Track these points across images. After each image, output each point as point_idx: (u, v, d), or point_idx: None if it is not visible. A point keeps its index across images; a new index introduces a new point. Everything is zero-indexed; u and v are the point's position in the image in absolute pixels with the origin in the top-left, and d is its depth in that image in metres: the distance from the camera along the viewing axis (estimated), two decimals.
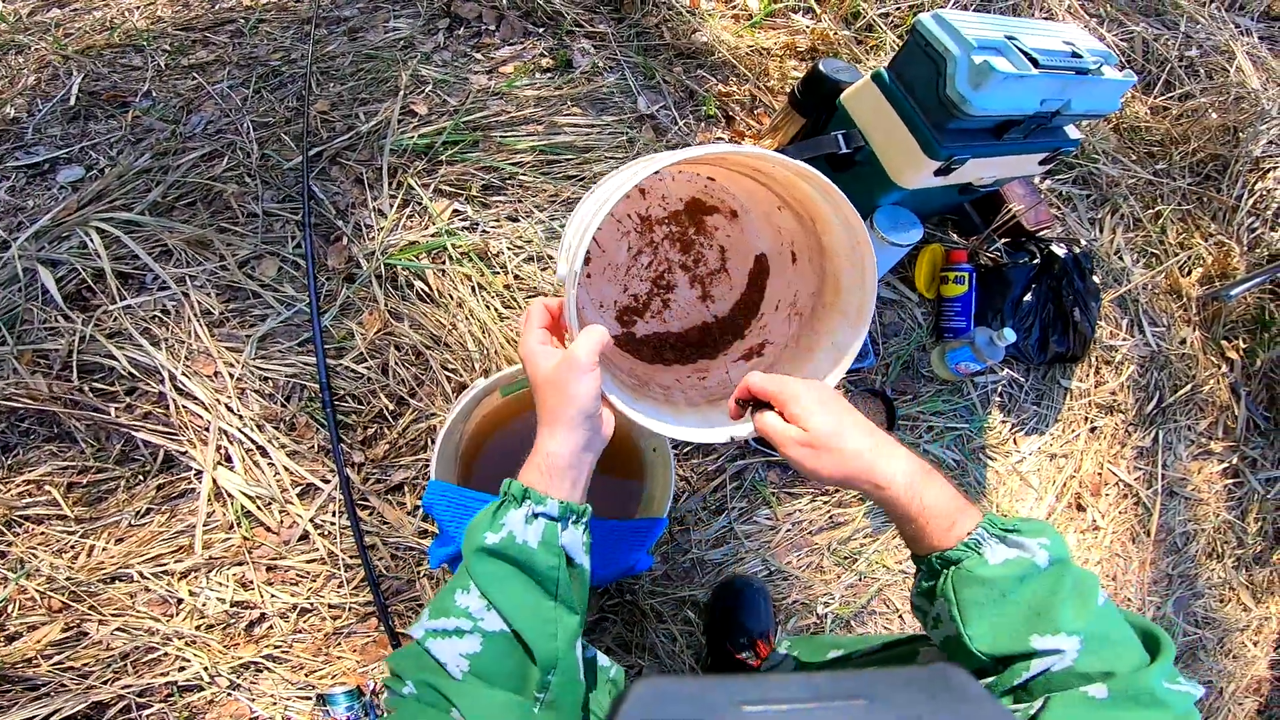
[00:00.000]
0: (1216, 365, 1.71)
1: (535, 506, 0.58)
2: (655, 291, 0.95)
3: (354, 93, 1.33)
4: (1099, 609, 0.56)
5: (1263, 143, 1.69)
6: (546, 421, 0.63)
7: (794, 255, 0.92)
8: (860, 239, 0.75)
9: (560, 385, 0.62)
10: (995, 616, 0.56)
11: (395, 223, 1.24)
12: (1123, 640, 0.55)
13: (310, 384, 1.12)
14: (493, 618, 0.54)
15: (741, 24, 1.51)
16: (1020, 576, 0.57)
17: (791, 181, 0.77)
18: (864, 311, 0.81)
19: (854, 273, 0.80)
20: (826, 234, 0.82)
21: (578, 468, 0.62)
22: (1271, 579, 1.84)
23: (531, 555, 0.56)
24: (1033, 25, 1.20)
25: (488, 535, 0.56)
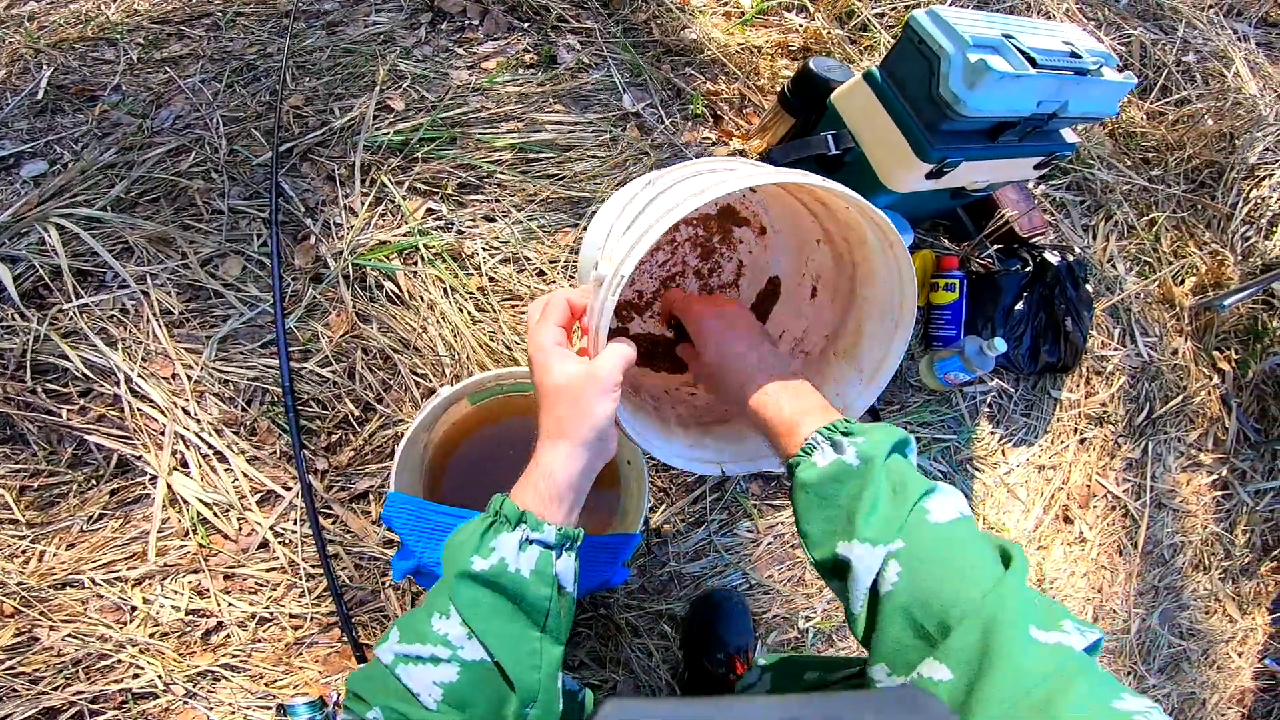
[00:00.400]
0: (1208, 376, 1.64)
1: (531, 532, 0.51)
2: (661, 292, 0.87)
3: (329, 87, 1.25)
4: (928, 523, 0.49)
5: (1259, 149, 1.62)
6: (552, 434, 0.54)
7: (814, 290, 0.85)
8: (908, 304, 0.68)
9: (576, 399, 0.54)
10: (821, 522, 0.55)
11: (366, 221, 1.17)
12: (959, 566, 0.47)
13: (273, 388, 1.05)
14: (473, 647, 0.48)
15: (732, 21, 1.44)
16: (835, 477, 0.54)
17: (853, 223, 0.69)
18: (880, 374, 0.74)
19: (883, 328, 0.73)
20: (869, 286, 0.74)
21: (579, 490, 0.55)
22: (1258, 590, 1.77)
23: (523, 585, 0.49)
24: (1031, 24, 1.12)
25: (475, 560, 0.49)
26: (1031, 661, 0.40)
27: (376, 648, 0.49)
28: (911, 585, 0.47)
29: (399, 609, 1.02)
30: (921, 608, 0.46)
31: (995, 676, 0.40)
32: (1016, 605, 0.43)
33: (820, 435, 0.56)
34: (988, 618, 0.43)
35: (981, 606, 0.43)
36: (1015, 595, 0.44)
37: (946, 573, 0.46)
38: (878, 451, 0.53)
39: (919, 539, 0.48)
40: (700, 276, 0.88)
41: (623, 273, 0.53)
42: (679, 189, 0.61)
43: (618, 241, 0.59)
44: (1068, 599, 1.52)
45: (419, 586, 1.03)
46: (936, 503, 0.50)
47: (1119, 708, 0.37)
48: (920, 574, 0.47)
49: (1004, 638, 0.41)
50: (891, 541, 0.49)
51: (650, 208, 0.60)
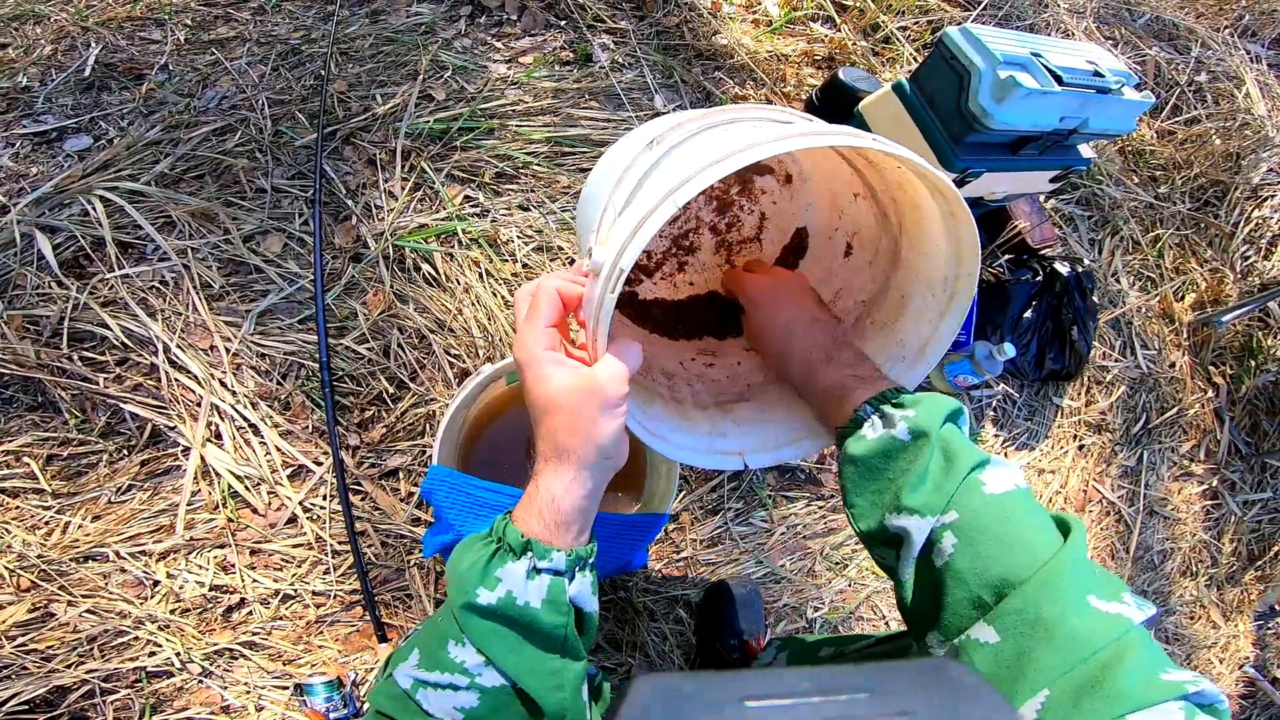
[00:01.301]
0: (1203, 390, 1.61)
1: (538, 561, 0.44)
2: (674, 251, 0.75)
3: (372, 75, 1.21)
4: (982, 493, 0.46)
5: (1263, 170, 1.59)
6: (552, 457, 0.46)
7: (850, 248, 0.73)
8: (966, 272, 0.58)
9: (576, 417, 0.45)
10: (870, 494, 0.51)
11: (405, 205, 1.12)
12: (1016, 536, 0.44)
13: (309, 363, 1.00)
14: (491, 674, 0.43)
15: (761, 29, 1.40)
16: (884, 451, 0.50)
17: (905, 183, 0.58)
18: (928, 352, 0.63)
19: (932, 303, 0.62)
20: (912, 248, 0.64)
21: (587, 513, 0.47)
22: (1241, 598, 1.74)
23: (535, 616, 0.44)
24: (1057, 43, 1.11)
25: (480, 592, 0.43)
26: (1089, 629, 0.39)
27: (395, 666, 0.45)
28: (968, 555, 0.44)
29: (423, 588, 0.98)
30: (978, 577, 0.43)
31: (1051, 642, 0.39)
32: (1075, 574, 0.41)
33: (870, 406, 0.52)
34: (1043, 585, 0.41)
35: (1038, 575, 0.41)
36: (1074, 565, 0.42)
37: (1003, 543, 0.44)
38: (931, 425, 0.48)
39: (974, 510, 0.45)
40: (717, 232, 0.76)
41: (622, 265, 0.43)
42: (688, 151, 0.49)
43: (614, 221, 0.48)
44: None
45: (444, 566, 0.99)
46: (991, 474, 0.47)
47: (1167, 679, 0.37)
48: (977, 544, 0.44)
49: (1062, 605, 0.40)
50: (941, 513, 0.46)
51: (652, 178, 0.48)
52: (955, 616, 0.44)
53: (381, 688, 0.47)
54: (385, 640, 0.94)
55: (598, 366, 0.46)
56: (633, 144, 0.53)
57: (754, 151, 0.43)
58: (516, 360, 0.48)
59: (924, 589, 0.48)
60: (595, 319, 0.45)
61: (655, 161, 0.49)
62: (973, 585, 0.43)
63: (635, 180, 0.49)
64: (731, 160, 0.42)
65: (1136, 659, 0.37)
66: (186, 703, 0.87)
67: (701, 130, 0.51)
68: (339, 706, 0.89)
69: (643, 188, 0.48)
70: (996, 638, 0.41)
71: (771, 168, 0.74)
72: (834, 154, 0.66)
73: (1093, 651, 0.38)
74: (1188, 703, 0.36)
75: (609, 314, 0.44)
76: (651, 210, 0.43)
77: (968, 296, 0.59)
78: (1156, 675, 0.37)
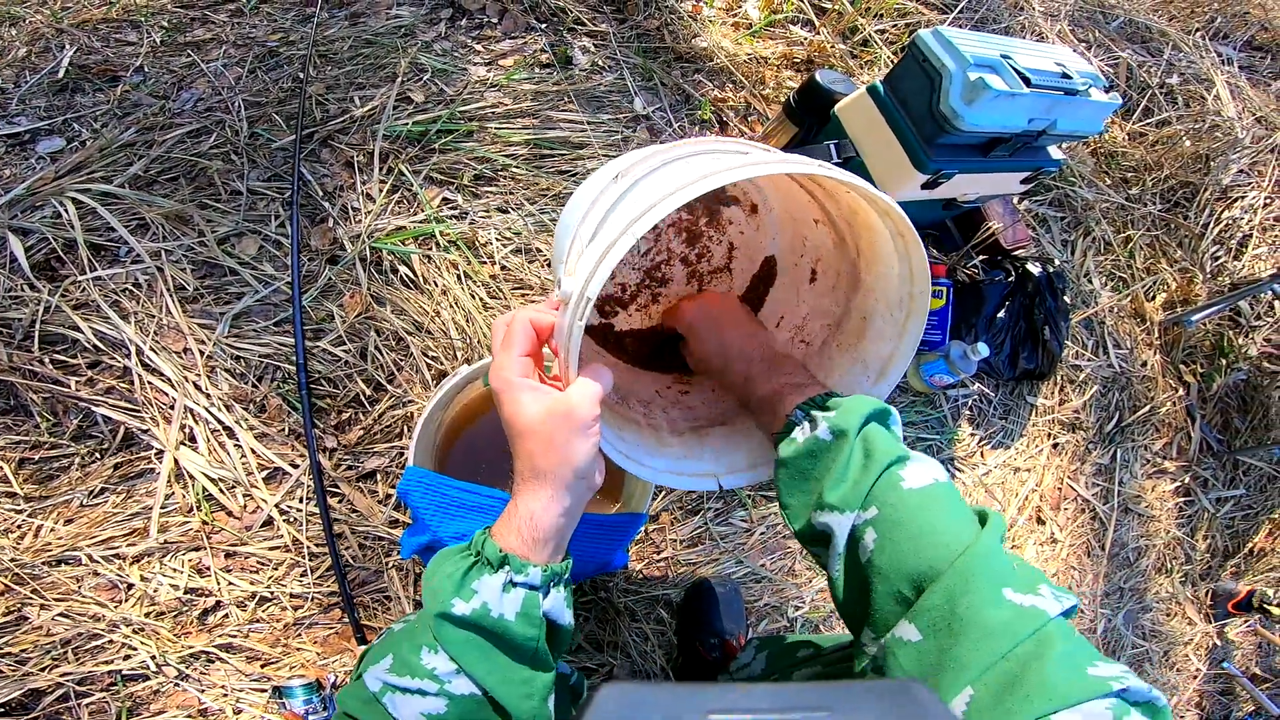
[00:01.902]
0: (1174, 388, 1.64)
1: (514, 575, 0.46)
2: (647, 284, 0.77)
3: (350, 77, 1.21)
4: (902, 490, 0.47)
5: (1233, 171, 1.62)
6: (529, 478, 0.48)
7: (814, 273, 0.75)
8: (918, 291, 0.60)
9: (551, 440, 0.47)
10: (799, 495, 0.53)
11: (383, 207, 1.12)
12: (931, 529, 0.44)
13: (284, 365, 1.00)
14: (462, 681, 0.44)
15: (741, 32, 1.41)
16: (810, 452, 0.52)
17: (858, 208, 0.61)
18: (889, 371, 0.65)
19: (891, 322, 0.65)
20: (869, 270, 0.66)
21: (563, 531, 0.48)
22: (1216, 595, 1.76)
23: (508, 627, 0.45)
24: (1027, 45, 1.12)
25: (456, 602, 0.44)
26: (1005, 623, 0.39)
27: (365, 668, 0.46)
28: (888, 550, 0.45)
29: (401, 590, 0.97)
30: (897, 571, 0.44)
31: (968, 638, 0.39)
32: (988, 566, 0.42)
33: (800, 411, 0.55)
34: (958, 579, 0.41)
35: (953, 568, 0.42)
36: (987, 557, 0.42)
37: (920, 536, 0.44)
38: (850, 424, 0.50)
39: (893, 505, 0.46)
40: (688, 263, 0.78)
41: (589, 294, 0.45)
42: (651, 183, 0.51)
43: (582, 251, 0.50)
44: None
45: (422, 567, 0.98)
46: (911, 470, 0.48)
47: (1094, 674, 0.36)
48: (895, 538, 0.45)
49: (976, 599, 0.40)
50: (861, 508, 0.48)
51: (618, 210, 0.50)
52: (881, 613, 0.45)
53: (350, 690, 0.47)
54: (364, 642, 0.93)
55: (570, 390, 0.47)
56: (601, 179, 0.56)
57: (708, 181, 0.44)
58: (492, 388, 0.49)
59: (852, 586, 0.49)
60: (566, 346, 0.47)
61: (620, 194, 0.51)
62: (893, 580, 0.44)
63: (601, 213, 0.51)
64: (685, 191, 0.44)
65: (1058, 653, 0.37)
66: (163, 706, 0.86)
67: (665, 164, 0.53)
68: (318, 709, 0.88)
69: (608, 220, 0.50)
70: (919, 636, 0.41)
71: (737, 198, 0.76)
72: (793, 182, 0.68)
73: (1011, 646, 0.38)
74: (1119, 700, 0.35)
75: (578, 341, 0.46)
76: (614, 241, 0.45)
77: (923, 314, 0.61)
78: (1083, 670, 0.37)
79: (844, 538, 0.48)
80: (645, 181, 0.51)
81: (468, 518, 0.82)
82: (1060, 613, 0.40)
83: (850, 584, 0.49)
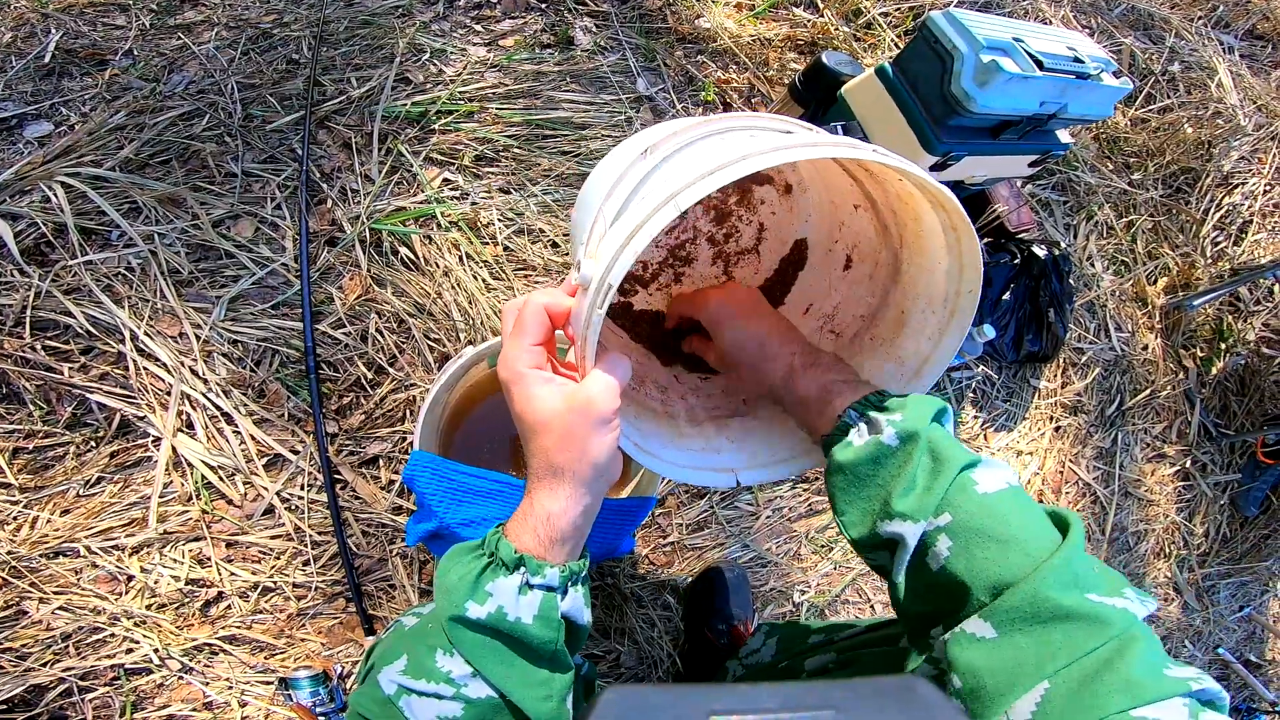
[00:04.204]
0: (1174, 372, 1.64)
1: (531, 577, 0.43)
2: (670, 262, 0.72)
3: (347, 58, 1.18)
4: (974, 493, 0.45)
5: (1234, 158, 1.61)
6: (546, 475, 0.45)
7: (849, 260, 0.71)
8: (967, 289, 0.56)
9: (568, 436, 0.44)
10: (861, 502, 0.50)
11: (383, 188, 1.10)
12: (1011, 536, 0.43)
13: (283, 349, 0.98)
14: (478, 685, 0.43)
15: (744, 13, 1.39)
16: (873, 458, 0.49)
17: (905, 195, 0.57)
18: (925, 372, 0.61)
19: (931, 318, 0.61)
20: (913, 262, 0.62)
21: (582, 530, 0.46)
22: (1214, 580, 1.77)
23: (526, 631, 0.43)
24: (1038, 29, 1.11)
25: (470, 605, 0.42)
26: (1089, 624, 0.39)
27: (379, 665, 0.44)
28: (964, 558, 0.44)
29: (406, 579, 0.95)
30: (977, 579, 0.43)
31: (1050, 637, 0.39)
32: (1072, 571, 0.41)
33: (854, 412, 0.51)
34: (1042, 582, 0.40)
35: (1037, 573, 0.41)
36: (1071, 562, 0.41)
37: (999, 544, 0.43)
38: (919, 426, 0.47)
39: (968, 511, 0.45)
40: (715, 243, 0.73)
41: (611, 281, 0.41)
42: (683, 161, 0.47)
43: (605, 233, 0.46)
44: None
45: (428, 555, 0.97)
46: (983, 474, 0.46)
47: (1170, 675, 0.37)
48: (973, 546, 0.44)
49: (1061, 601, 0.39)
50: (932, 516, 0.46)
51: (646, 188, 0.47)
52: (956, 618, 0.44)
53: (365, 690, 0.45)
54: (372, 633, 0.91)
55: (587, 382, 0.44)
56: (627, 152, 0.52)
57: (749, 163, 0.41)
58: (502, 380, 0.46)
59: (918, 591, 0.47)
60: (584, 335, 0.44)
61: (648, 171, 0.47)
62: (972, 586, 0.43)
63: (627, 191, 0.47)
64: (724, 172, 0.41)
65: (1140, 653, 0.37)
66: (167, 699, 0.84)
67: (698, 139, 0.49)
68: (325, 700, 0.87)
69: (634, 199, 0.46)
70: (994, 633, 0.41)
71: (771, 177, 0.71)
72: (834, 164, 0.64)
73: (1097, 645, 0.37)
74: (1192, 699, 0.35)
75: (598, 329, 0.43)
76: (641, 224, 0.41)
77: (969, 314, 0.57)
78: (1161, 671, 0.37)
79: (914, 545, 0.46)
80: (677, 158, 0.47)
81: (475, 503, 0.80)
82: (1145, 616, 0.40)
83: (916, 589, 0.47)
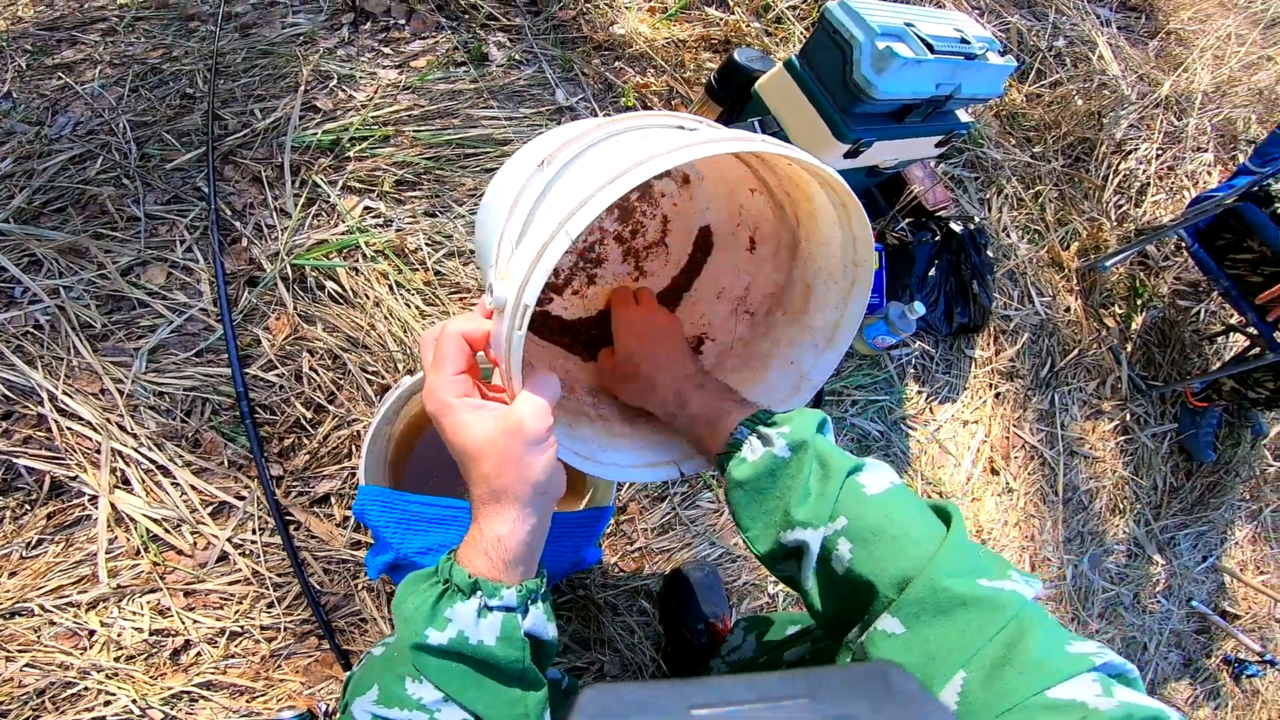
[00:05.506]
0: (1098, 330, 1.89)
1: (489, 600, 0.47)
2: (581, 265, 0.80)
3: (248, 89, 1.26)
4: (864, 495, 0.52)
5: (1124, 126, 1.90)
6: (488, 501, 0.49)
7: (753, 242, 0.80)
8: (862, 258, 0.65)
9: (504, 460, 0.47)
10: (762, 515, 0.56)
11: (300, 222, 1.18)
12: (903, 532, 0.50)
13: (214, 396, 1.04)
14: (451, 709, 0.47)
15: (658, 16, 1.55)
16: (769, 470, 0.55)
17: (797, 177, 0.65)
18: (837, 339, 0.70)
19: (835, 289, 0.70)
20: (809, 238, 0.71)
21: (535, 548, 0.50)
22: (1172, 532, 2.00)
23: (490, 653, 0.47)
24: (927, 13, 1.27)
25: (430, 632, 0.46)
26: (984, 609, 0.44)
27: (352, 701, 0.49)
28: (866, 558, 0.50)
29: (375, 610, 1.03)
30: (880, 577, 0.49)
31: (953, 626, 0.44)
32: (962, 559, 0.48)
33: (745, 428, 0.58)
34: (936, 573, 0.46)
35: (931, 563, 0.47)
36: (959, 549, 0.48)
37: (894, 541, 0.50)
38: (805, 436, 0.55)
39: (859, 513, 0.52)
40: (622, 240, 0.81)
41: (526, 301, 0.45)
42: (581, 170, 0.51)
43: (512, 252, 0.50)
44: (1004, 549, 1.69)
45: (393, 585, 1.05)
46: (868, 477, 0.54)
47: (1073, 650, 0.42)
48: (871, 545, 0.50)
49: (955, 590, 0.45)
50: (829, 521, 0.52)
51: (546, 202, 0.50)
52: (868, 617, 0.50)
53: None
54: (349, 667, 0.98)
55: (516, 404, 0.48)
56: (523, 165, 0.55)
57: (648, 167, 0.46)
58: (430, 413, 0.50)
59: (830, 596, 0.53)
60: (507, 358, 0.47)
61: (548, 184, 0.51)
62: (877, 585, 0.49)
63: (529, 206, 0.50)
64: (625, 179, 0.45)
65: (1040, 633, 0.42)
66: None
67: (594, 144, 0.54)
68: None
69: (537, 214, 0.50)
70: (903, 629, 0.46)
71: (669, 171, 0.76)
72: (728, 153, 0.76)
73: (996, 630, 0.43)
74: (1101, 674, 0.40)
75: (519, 351, 0.47)
76: (548, 241, 0.45)
77: (868, 282, 0.67)
78: (1063, 648, 0.42)
79: (817, 551, 0.52)
80: (575, 166, 0.52)
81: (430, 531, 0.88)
82: (1033, 596, 0.46)
83: (828, 594, 0.53)
